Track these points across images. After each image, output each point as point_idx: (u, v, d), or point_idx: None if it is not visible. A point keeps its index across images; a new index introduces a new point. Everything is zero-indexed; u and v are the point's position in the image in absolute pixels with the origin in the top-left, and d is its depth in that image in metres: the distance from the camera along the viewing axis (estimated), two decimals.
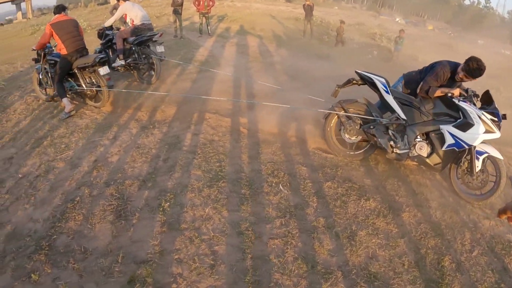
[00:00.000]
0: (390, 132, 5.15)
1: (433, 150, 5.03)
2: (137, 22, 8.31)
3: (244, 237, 3.71)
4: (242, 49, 13.45)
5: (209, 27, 15.68)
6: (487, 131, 4.65)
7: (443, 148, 4.89)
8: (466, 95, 4.88)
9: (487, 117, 4.67)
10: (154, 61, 8.20)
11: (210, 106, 6.91)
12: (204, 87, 8.12)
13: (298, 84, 8.54)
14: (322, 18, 24.41)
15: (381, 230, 4.00)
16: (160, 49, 8.44)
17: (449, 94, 4.80)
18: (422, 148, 5.03)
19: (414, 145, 5.05)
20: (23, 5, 33.69)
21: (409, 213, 4.38)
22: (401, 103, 5.10)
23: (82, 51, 6.61)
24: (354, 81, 5.41)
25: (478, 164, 4.83)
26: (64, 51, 6.36)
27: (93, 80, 6.75)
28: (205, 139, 5.65)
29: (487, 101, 4.91)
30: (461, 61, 4.86)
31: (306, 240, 3.73)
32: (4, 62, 10.92)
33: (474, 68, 4.70)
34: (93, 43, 11.87)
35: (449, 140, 4.81)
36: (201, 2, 14.93)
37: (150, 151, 5.23)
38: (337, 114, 5.45)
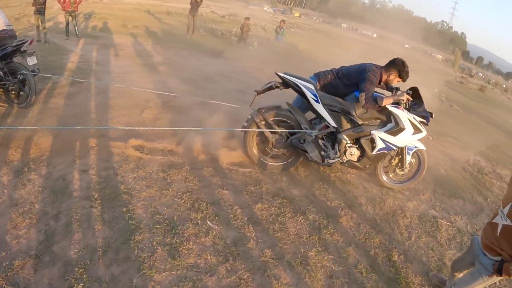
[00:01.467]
0: (320, 142, 4.90)
1: (363, 155, 4.95)
2: None
3: None
4: (117, 50, 12.13)
5: (76, 28, 13.88)
6: (415, 132, 4.79)
7: (374, 153, 4.86)
8: (410, 99, 4.86)
9: (416, 119, 4.78)
10: (27, 77, 6.46)
11: (94, 131, 5.73)
12: (83, 104, 6.84)
13: (194, 88, 7.68)
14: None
15: (328, 243, 3.92)
16: (32, 61, 6.66)
17: (403, 101, 4.72)
18: (353, 154, 4.94)
19: (345, 151, 4.92)
20: None
21: (346, 216, 4.42)
22: (331, 110, 4.82)
23: None
24: (276, 86, 4.92)
25: (408, 159, 5.08)
26: None
27: None
28: (98, 176, 4.56)
29: (415, 97, 4.98)
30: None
31: (262, 281, 3.33)
32: None
33: (407, 70, 4.88)
34: None
35: (380, 145, 4.81)
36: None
37: (33, 208, 3.96)
38: (261, 130, 4.98)
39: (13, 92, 6.48)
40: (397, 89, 5.06)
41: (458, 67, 53.35)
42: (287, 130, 4.90)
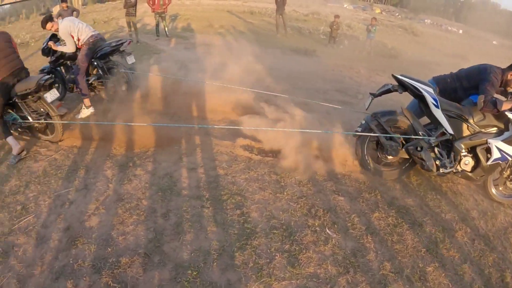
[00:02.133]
0: (436, 150, 4.59)
1: (477, 164, 4.58)
2: (84, 37, 6.39)
3: None
4: (208, 49, 12.17)
5: (166, 28, 14.29)
6: None
7: (489, 163, 4.48)
8: None
9: None
10: (125, 75, 6.71)
11: (197, 128, 5.63)
12: (181, 102, 6.74)
13: (291, 87, 7.34)
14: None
15: (445, 259, 3.64)
16: (130, 60, 6.89)
17: None
18: (467, 163, 4.60)
19: (459, 161, 4.59)
20: None
21: (461, 231, 4.11)
22: (448, 116, 4.51)
23: (20, 73, 5.05)
24: (393, 89, 4.68)
25: None
26: None
27: (41, 109, 5.26)
28: (207, 175, 4.41)
29: None
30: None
31: None
32: None
33: None
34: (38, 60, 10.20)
35: (496, 155, 4.43)
36: (156, 1, 13.60)
37: (140, 204, 3.87)
38: (377, 136, 4.68)
39: (111, 89, 6.71)
40: None
41: None
42: (405, 136, 4.63)
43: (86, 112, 6.24)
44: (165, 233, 3.44)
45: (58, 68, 6.77)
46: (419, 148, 4.52)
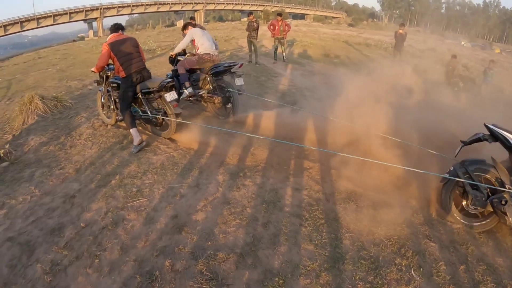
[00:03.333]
0: None
1: None
2: (202, 50, 7.44)
3: None
4: (324, 79, 12.42)
5: (284, 54, 14.94)
6: None
7: None
8: None
9: None
10: (232, 95, 7.36)
11: (309, 153, 5.96)
12: (299, 130, 6.85)
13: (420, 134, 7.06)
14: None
15: None
16: (239, 82, 7.49)
17: None
18: None
19: None
20: (94, 23, 34.49)
21: None
22: None
23: (142, 71, 5.93)
24: (484, 139, 4.54)
25: None
26: (122, 74, 5.73)
27: (159, 106, 6.08)
28: (310, 197, 4.69)
29: None
30: None
31: None
32: (74, 78, 10.49)
33: None
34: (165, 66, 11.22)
35: None
36: (277, 27, 14.33)
37: (244, 210, 4.29)
38: (463, 184, 4.56)
39: (217, 105, 7.47)
40: None
41: None
42: (491, 187, 4.45)
43: (186, 92, 7.30)
44: (262, 240, 3.77)
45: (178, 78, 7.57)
46: (503, 202, 4.34)
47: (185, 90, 7.29)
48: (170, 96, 5.89)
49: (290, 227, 4.03)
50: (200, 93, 7.40)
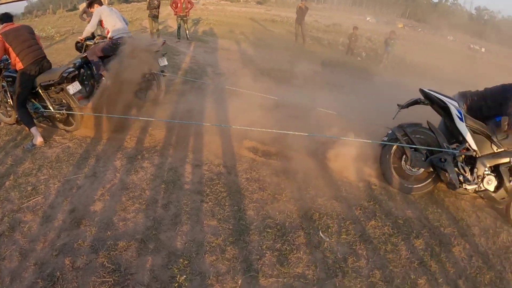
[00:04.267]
0: (459, 165, 4.53)
1: (500, 184, 4.51)
2: (114, 34, 6.63)
3: None
4: (227, 54, 12.34)
5: (187, 31, 14.60)
6: None
7: None
8: None
9: None
10: (156, 77, 6.75)
11: (209, 129, 5.71)
12: (197, 102, 6.88)
13: (308, 96, 7.35)
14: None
15: (439, 273, 3.59)
16: (162, 62, 6.88)
17: None
18: (490, 182, 4.50)
19: (482, 179, 4.50)
20: None
21: (458, 246, 4.07)
22: (472, 131, 4.48)
23: (42, 61, 5.27)
24: (421, 101, 4.75)
25: None
26: (20, 65, 5.06)
27: (63, 100, 5.44)
28: (210, 172, 4.55)
29: None
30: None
31: None
32: None
33: None
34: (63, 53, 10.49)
35: None
36: (179, 5, 13.92)
37: (143, 194, 4.04)
38: (403, 146, 4.73)
39: (142, 89, 6.72)
40: None
41: None
42: (430, 148, 4.63)
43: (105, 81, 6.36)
44: (163, 222, 3.57)
45: (89, 65, 6.80)
46: (443, 160, 4.53)
47: (103, 79, 6.39)
48: (73, 87, 5.31)
49: (192, 204, 3.88)
50: None
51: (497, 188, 4.54)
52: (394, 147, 4.80)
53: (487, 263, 3.94)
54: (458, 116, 4.46)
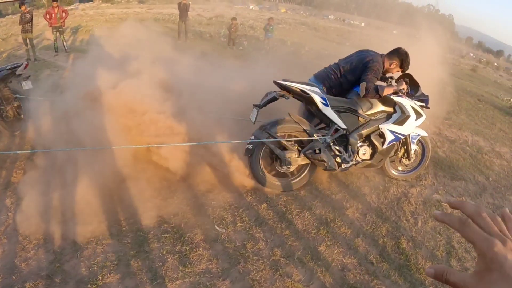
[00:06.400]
0: (333, 148, 4.63)
1: (375, 150, 4.81)
2: None
3: None
4: (108, 62, 11.98)
5: (65, 43, 13.85)
6: (417, 118, 4.76)
7: (385, 146, 4.75)
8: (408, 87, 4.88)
9: (417, 104, 4.76)
10: (21, 103, 6.16)
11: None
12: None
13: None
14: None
15: (337, 236, 3.92)
16: (27, 85, 6.24)
17: (402, 91, 4.72)
18: (365, 152, 4.79)
19: (357, 152, 4.75)
20: None
21: (351, 208, 4.43)
22: (338, 111, 4.57)
23: None
24: (279, 96, 4.49)
25: (413, 148, 5.09)
26: None
27: None
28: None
29: (411, 84, 4.94)
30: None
31: (274, 280, 3.32)
32: None
33: (409, 61, 4.82)
34: None
35: (390, 137, 4.71)
36: (53, 15, 13.12)
37: (39, 228, 3.88)
38: (270, 146, 4.56)
39: (8, 118, 6.12)
40: (391, 78, 5.00)
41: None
42: (299, 139, 4.57)
43: None
44: (64, 252, 3.55)
45: None
46: (317, 151, 4.48)
47: None
48: None
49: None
50: None
51: (372, 155, 4.82)
52: (262, 151, 4.58)
53: (382, 217, 4.35)
54: (322, 103, 4.41)
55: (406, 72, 4.96)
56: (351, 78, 4.79)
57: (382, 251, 3.84)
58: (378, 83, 4.76)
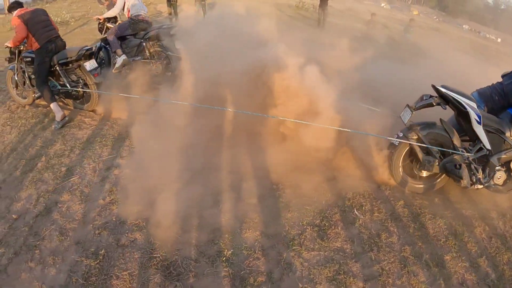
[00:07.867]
0: (472, 166, 4.32)
1: (508, 178, 4.40)
2: (133, 12, 6.68)
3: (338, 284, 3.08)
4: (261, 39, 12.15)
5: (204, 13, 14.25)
6: None
7: None
8: None
9: None
10: (171, 60, 6.68)
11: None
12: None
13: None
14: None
15: (463, 251, 3.72)
16: (179, 44, 6.61)
17: None
18: (500, 178, 4.35)
19: (493, 176, 4.35)
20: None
21: (479, 227, 4.15)
22: (487, 131, 4.24)
23: (56, 40, 5.45)
24: (436, 103, 4.23)
25: None
26: (36, 45, 5.25)
27: (79, 78, 5.64)
28: None
29: None
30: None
31: (401, 275, 3.28)
32: None
33: None
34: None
35: None
36: None
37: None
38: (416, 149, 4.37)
39: (156, 72, 6.78)
40: None
41: None
42: (446, 149, 4.32)
43: (119, 60, 6.43)
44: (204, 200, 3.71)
45: (109, 46, 6.77)
46: (458, 166, 4.25)
47: (118, 59, 6.43)
48: (90, 65, 5.51)
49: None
50: (136, 60, 6.69)
51: (505, 182, 4.45)
52: (405, 149, 4.43)
53: (505, 245, 4.01)
54: (477, 120, 4.12)
55: None
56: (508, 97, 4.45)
57: (500, 277, 3.58)
58: None
